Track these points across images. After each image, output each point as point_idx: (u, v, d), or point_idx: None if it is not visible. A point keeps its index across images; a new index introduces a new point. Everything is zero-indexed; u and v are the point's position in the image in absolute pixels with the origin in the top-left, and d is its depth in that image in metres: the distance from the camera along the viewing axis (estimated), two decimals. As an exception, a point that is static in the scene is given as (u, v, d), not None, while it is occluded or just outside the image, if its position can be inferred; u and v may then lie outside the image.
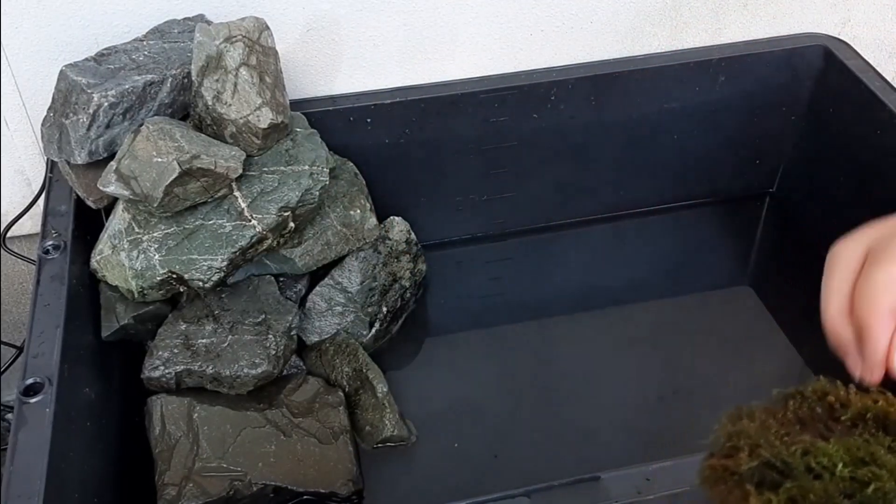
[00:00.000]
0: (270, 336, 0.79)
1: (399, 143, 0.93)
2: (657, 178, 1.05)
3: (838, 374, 0.95)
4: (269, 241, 0.78)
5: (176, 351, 0.77)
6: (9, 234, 0.87)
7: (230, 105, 0.75)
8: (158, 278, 0.75)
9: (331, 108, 0.90)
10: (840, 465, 0.33)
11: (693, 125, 1.00)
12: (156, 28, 0.82)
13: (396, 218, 0.92)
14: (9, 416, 1.05)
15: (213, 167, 0.73)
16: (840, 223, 0.99)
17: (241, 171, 0.75)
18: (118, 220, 0.77)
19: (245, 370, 0.77)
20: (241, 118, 0.75)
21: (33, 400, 0.63)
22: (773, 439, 0.35)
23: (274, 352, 0.78)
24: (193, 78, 0.75)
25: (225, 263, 0.75)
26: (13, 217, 0.86)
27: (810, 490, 0.33)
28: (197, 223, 0.76)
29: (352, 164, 0.91)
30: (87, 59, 0.77)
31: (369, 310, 0.89)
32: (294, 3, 0.85)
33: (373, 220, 0.87)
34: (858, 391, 0.38)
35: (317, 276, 0.88)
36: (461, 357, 0.93)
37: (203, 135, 0.76)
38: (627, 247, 1.05)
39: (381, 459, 0.81)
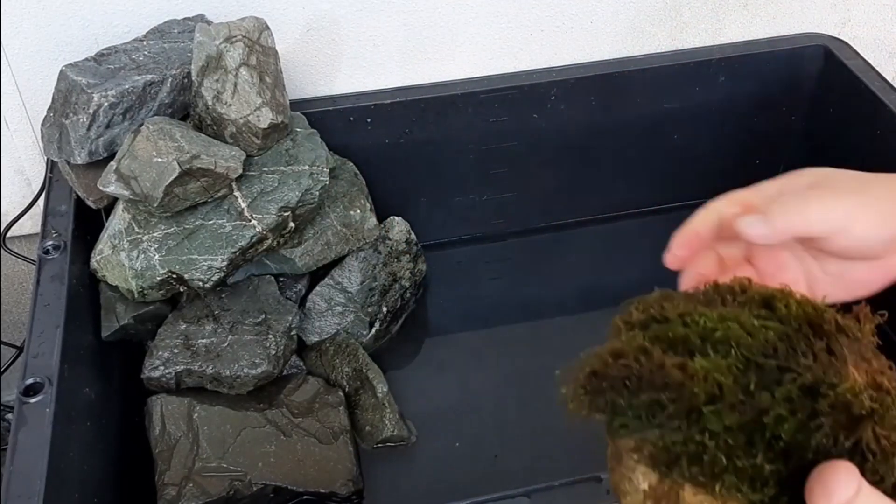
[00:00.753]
0: (270, 336, 0.79)
1: (399, 143, 0.93)
2: (657, 178, 1.05)
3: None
4: (269, 241, 0.78)
5: (176, 351, 0.77)
6: (9, 234, 0.87)
7: (230, 105, 0.75)
8: (158, 278, 0.75)
9: (331, 108, 0.90)
10: (704, 320, 0.39)
11: (693, 125, 1.00)
12: (156, 28, 0.82)
13: (396, 218, 0.92)
14: (9, 416, 1.05)
15: (213, 167, 0.73)
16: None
17: (241, 171, 0.75)
18: (118, 220, 0.77)
19: (245, 370, 0.77)
20: (241, 118, 0.75)
21: (33, 400, 0.63)
22: (665, 304, 0.41)
23: (274, 352, 0.78)
24: (193, 78, 0.75)
25: (225, 263, 0.75)
26: (13, 217, 0.86)
27: (670, 331, 0.39)
28: (197, 223, 0.76)
29: (352, 164, 0.91)
30: (87, 59, 0.77)
31: (369, 310, 0.89)
32: (294, 3, 0.85)
33: (373, 220, 0.87)
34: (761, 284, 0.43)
35: (317, 276, 0.88)
36: (461, 357, 0.93)
37: (203, 135, 0.76)
38: (627, 247, 1.05)
39: (381, 459, 0.81)
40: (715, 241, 0.49)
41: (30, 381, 0.64)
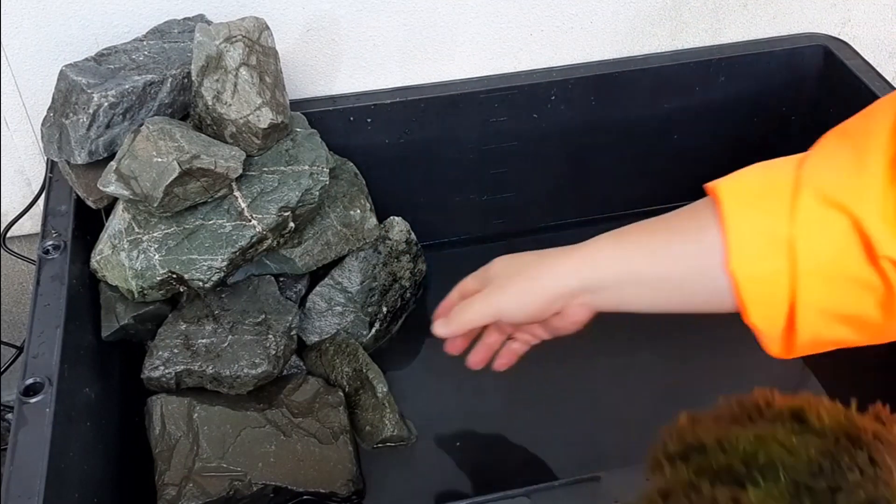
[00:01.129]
0: (270, 336, 0.79)
1: (399, 143, 0.93)
2: (657, 178, 1.05)
3: (837, 375, 0.94)
4: (269, 241, 0.78)
5: (176, 351, 0.77)
6: (9, 234, 0.87)
7: (230, 105, 0.75)
8: (158, 278, 0.75)
9: (331, 108, 0.90)
10: (743, 444, 0.39)
11: (693, 125, 1.00)
12: (156, 28, 0.82)
13: (396, 218, 0.92)
14: (9, 416, 1.04)
15: (213, 167, 0.73)
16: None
17: (241, 171, 0.75)
18: (118, 220, 0.77)
19: (245, 370, 0.77)
20: (241, 118, 0.75)
21: (33, 400, 0.63)
22: (698, 430, 0.42)
23: (274, 352, 0.78)
24: (193, 78, 0.75)
25: (225, 263, 0.75)
26: (13, 217, 0.86)
27: (713, 460, 0.38)
28: (197, 223, 0.76)
29: (352, 164, 0.91)
30: (87, 59, 0.77)
31: (369, 310, 0.89)
32: (294, 3, 0.85)
33: (373, 220, 0.87)
34: (784, 395, 0.43)
35: (317, 276, 0.88)
36: (461, 357, 0.93)
37: (203, 135, 0.76)
38: (627, 247, 1.05)
39: (381, 459, 0.81)
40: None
41: (30, 381, 0.64)
